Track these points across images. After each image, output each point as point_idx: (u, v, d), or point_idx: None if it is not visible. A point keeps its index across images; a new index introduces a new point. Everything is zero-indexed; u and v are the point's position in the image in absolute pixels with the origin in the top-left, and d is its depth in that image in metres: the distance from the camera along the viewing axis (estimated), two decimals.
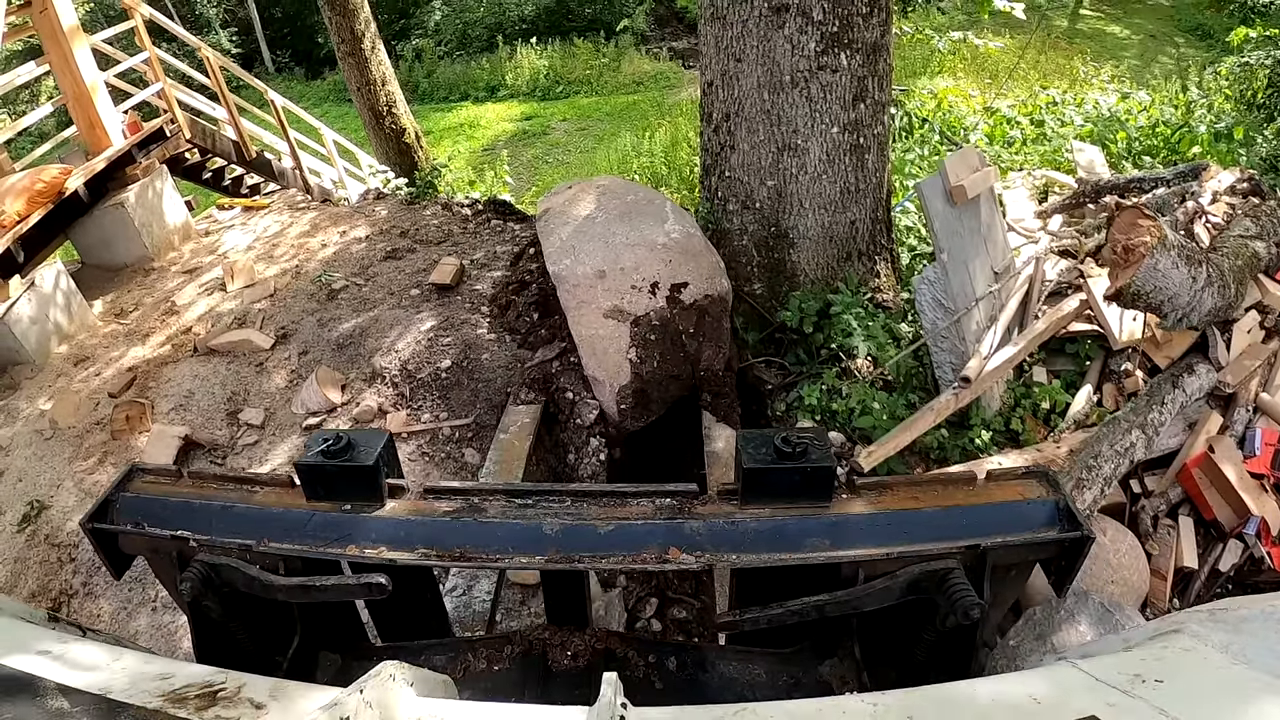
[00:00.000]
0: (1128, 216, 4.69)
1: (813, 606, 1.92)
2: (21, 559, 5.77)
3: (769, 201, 6.35)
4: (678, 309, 5.92)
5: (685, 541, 1.95)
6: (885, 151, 6.46)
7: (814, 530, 1.94)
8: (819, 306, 6.24)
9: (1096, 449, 4.78)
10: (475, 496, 2.13)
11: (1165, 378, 5.30)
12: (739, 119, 6.21)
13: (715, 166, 6.58)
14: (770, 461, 1.97)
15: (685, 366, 6.00)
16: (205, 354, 6.94)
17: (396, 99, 14.21)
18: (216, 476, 2.23)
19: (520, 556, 1.97)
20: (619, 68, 22.94)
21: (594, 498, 2.10)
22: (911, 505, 2.00)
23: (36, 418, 6.74)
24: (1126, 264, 4.61)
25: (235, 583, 2.03)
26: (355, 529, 2.04)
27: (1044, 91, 13.37)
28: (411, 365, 6.27)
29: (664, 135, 15.78)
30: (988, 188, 5.88)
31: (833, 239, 6.43)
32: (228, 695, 1.45)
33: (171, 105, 10.11)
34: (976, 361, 5.41)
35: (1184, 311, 4.95)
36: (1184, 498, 5.30)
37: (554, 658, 2.32)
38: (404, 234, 8.28)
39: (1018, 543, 1.94)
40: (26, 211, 7.96)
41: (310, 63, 28.94)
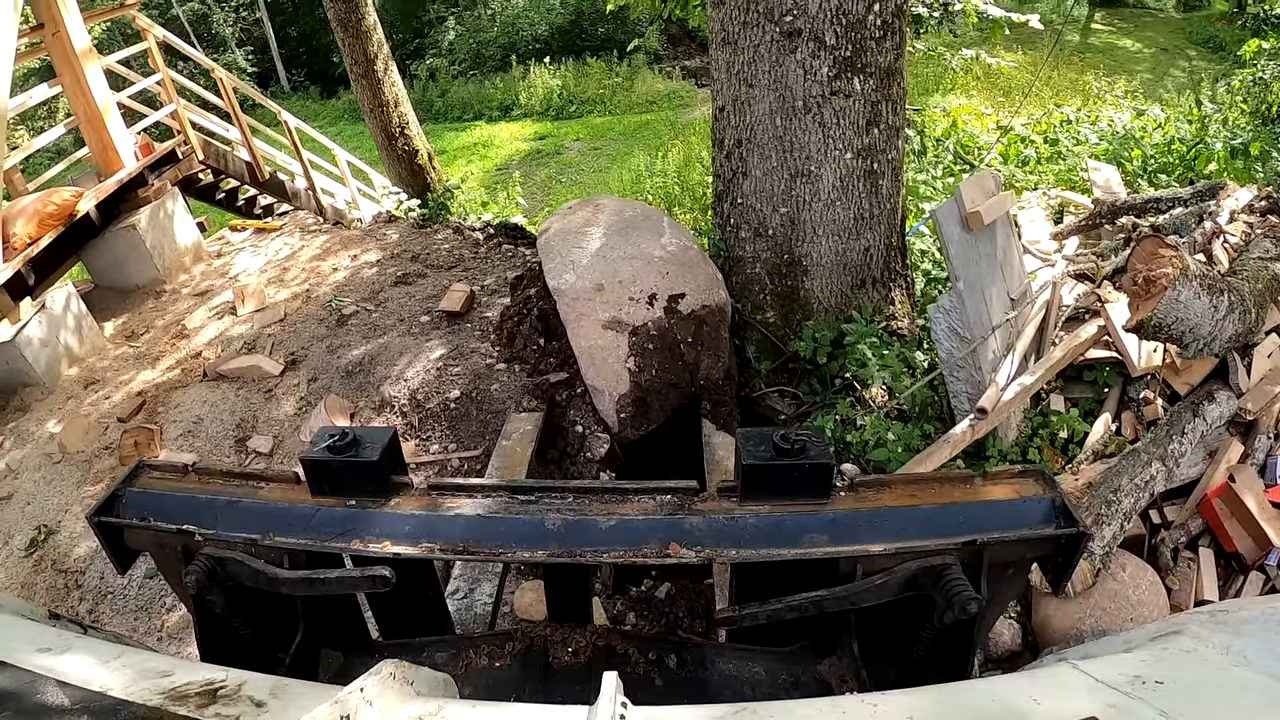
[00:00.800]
0: (1148, 246, 4.61)
1: (811, 602, 1.94)
2: (28, 584, 5.75)
3: (782, 229, 6.27)
4: (675, 319, 5.96)
5: (685, 537, 1.97)
6: (899, 176, 6.38)
7: (812, 526, 1.97)
8: (833, 336, 6.17)
9: (1116, 483, 4.69)
10: (479, 493, 2.15)
11: (1185, 406, 5.21)
12: (751, 145, 6.14)
13: (727, 193, 6.51)
14: (769, 458, 2.00)
15: (684, 375, 6.00)
16: (214, 379, 6.92)
17: (409, 120, 14.21)
18: (223, 473, 2.26)
19: (522, 551, 1.99)
20: (632, 87, 22.99)
21: (596, 494, 2.13)
22: (909, 502, 2.03)
23: (46, 441, 6.74)
24: (1148, 295, 4.53)
25: (240, 576, 2.04)
26: (360, 524, 2.06)
27: (1058, 110, 13.25)
28: (420, 395, 6.23)
29: (677, 155, 15.79)
30: (1004, 213, 5.81)
31: (846, 266, 6.35)
32: (228, 693, 1.45)
33: (185, 126, 10.12)
34: (993, 392, 5.33)
35: (1205, 341, 4.87)
36: (1204, 529, 5.18)
37: (555, 654, 2.34)
38: (415, 258, 8.26)
39: (1014, 539, 1.95)
40: (37, 234, 7.96)
41: (325, 81, 29.06)
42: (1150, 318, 4.48)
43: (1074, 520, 1.94)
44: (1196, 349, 4.93)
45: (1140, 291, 4.60)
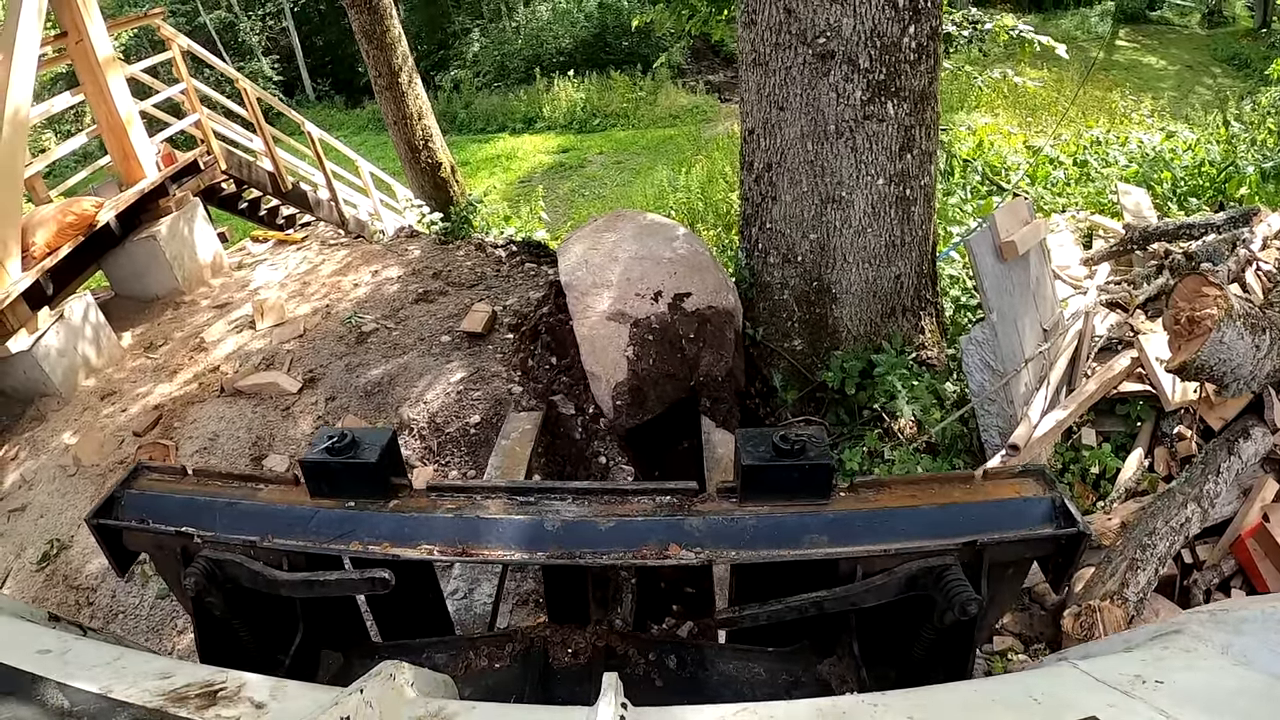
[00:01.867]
0: (1191, 284, 4.48)
1: (811, 603, 1.94)
2: (40, 598, 5.70)
3: (811, 255, 6.18)
4: (679, 315, 6.00)
5: (685, 538, 1.96)
6: (931, 202, 6.28)
7: (812, 527, 1.96)
8: (862, 366, 6.07)
9: (1151, 525, 4.57)
10: (478, 494, 2.14)
11: (1220, 443, 5.06)
12: (781, 169, 6.05)
13: (756, 217, 6.42)
14: (769, 459, 1.98)
15: (682, 368, 6.00)
16: (232, 395, 6.86)
17: (433, 133, 14.22)
18: (221, 474, 2.25)
19: (522, 552, 1.99)
20: (655, 101, 23.04)
21: (595, 495, 2.11)
22: (909, 503, 2.01)
23: (60, 453, 6.70)
24: (1191, 336, 4.41)
25: (239, 578, 2.03)
26: (359, 525, 2.05)
27: (1087, 131, 13.14)
28: (440, 419, 6.14)
29: (700, 170, 15.73)
30: (1037, 242, 5.71)
31: (876, 294, 6.25)
32: (228, 694, 1.44)
33: (208, 136, 10.14)
34: (1025, 428, 5.22)
35: (1245, 381, 4.75)
36: (1237, 569, 5.03)
37: (555, 655, 2.31)
38: (436, 275, 8.19)
39: (1014, 539, 1.94)
40: (56, 244, 7.94)
41: (350, 91, 29.28)
42: (1193, 360, 4.35)
43: (1074, 520, 1.93)
44: (1236, 389, 4.80)
45: (1183, 332, 4.47)
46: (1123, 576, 4.31)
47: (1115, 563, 4.43)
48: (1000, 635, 4.70)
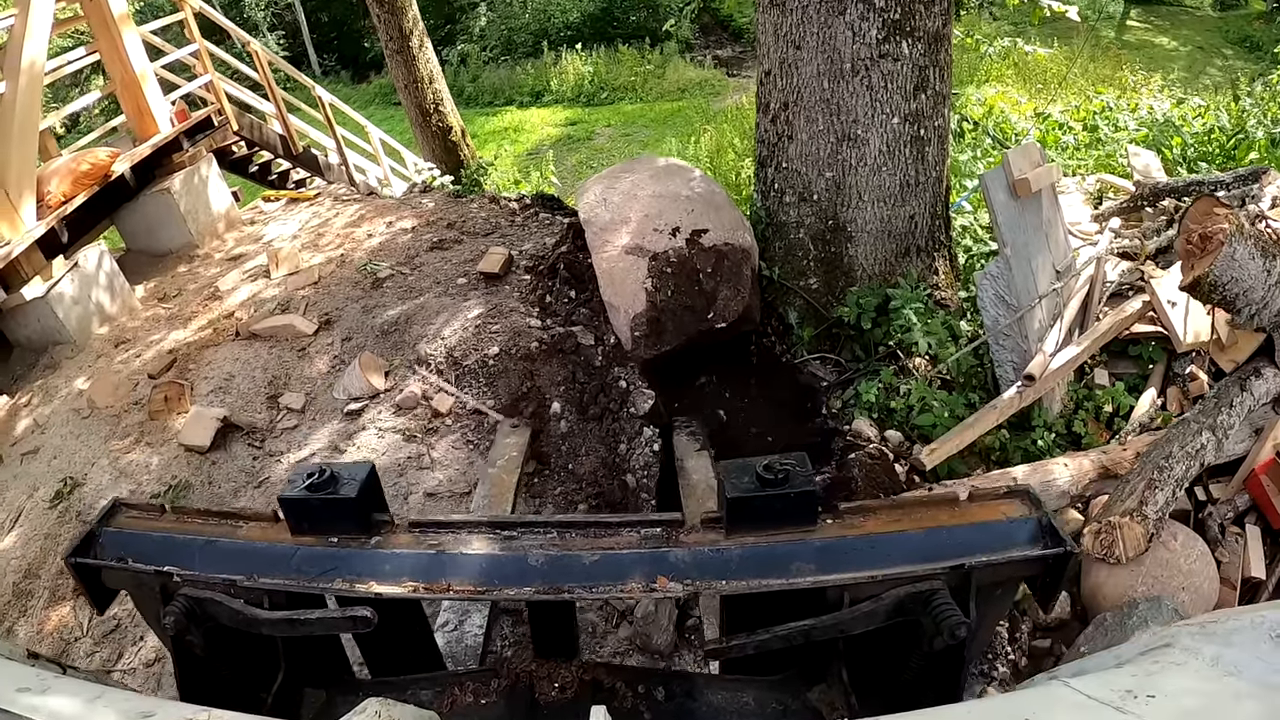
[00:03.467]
0: (1202, 205, 4.50)
1: (800, 631, 1.94)
2: (53, 535, 5.73)
3: (827, 194, 6.19)
4: (696, 250, 6.04)
5: (672, 570, 1.96)
6: (945, 145, 6.30)
7: (799, 555, 1.96)
8: (877, 302, 6.09)
9: (1167, 450, 4.60)
10: (461, 529, 2.14)
11: (1232, 380, 5.09)
12: (797, 108, 6.06)
13: (771, 158, 6.44)
14: (753, 489, 1.98)
15: (700, 300, 6.02)
16: (247, 338, 6.88)
17: (443, 97, 14.22)
18: (200, 512, 2.26)
19: (507, 588, 1.99)
20: (664, 75, 22.91)
21: (579, 528, 2.11)
22: (895, 528, 2.02)
23: (74, 397, 6.73)
24: (1203, 253, 4.42)
25: (219, 617, 2.02)
26: (341, 563, 2.05)
27: (1097, 97, 13.09)
28: (458, 352, 6.15)
29: (709, 141, 15.67)
30: (1050, 183, 5.73)
31: (891, 234, 6.27)
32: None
33: (219, 97, 10.17)
34: (1041, 359, 5.25)
35: (1257, 307, 4.74)
36: (1251, 505, 5.10)
37: (541, 691, 2.29)
38: (450, 225, 8.18)
39: (1001, 561, 1.95)
40: (72, 193, 7.98)
41: (356, 66, 29.20)
42: (1206, 274, 4.36)
43: (1060, 540, 1.93)
44: (1248, 314, 4.79)
45: (1194, 250, 4.48)
46: (1141, 495, 4.34)
47: (1134, 482, 4.46)
48: None
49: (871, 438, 5.41)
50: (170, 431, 6.12)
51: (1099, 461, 5.00)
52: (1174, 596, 4.37)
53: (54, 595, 5.40)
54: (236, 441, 5.98)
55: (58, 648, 5.16)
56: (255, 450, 5.93)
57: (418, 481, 5.45)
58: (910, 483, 5.05)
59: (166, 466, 5.90)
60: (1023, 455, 5.33)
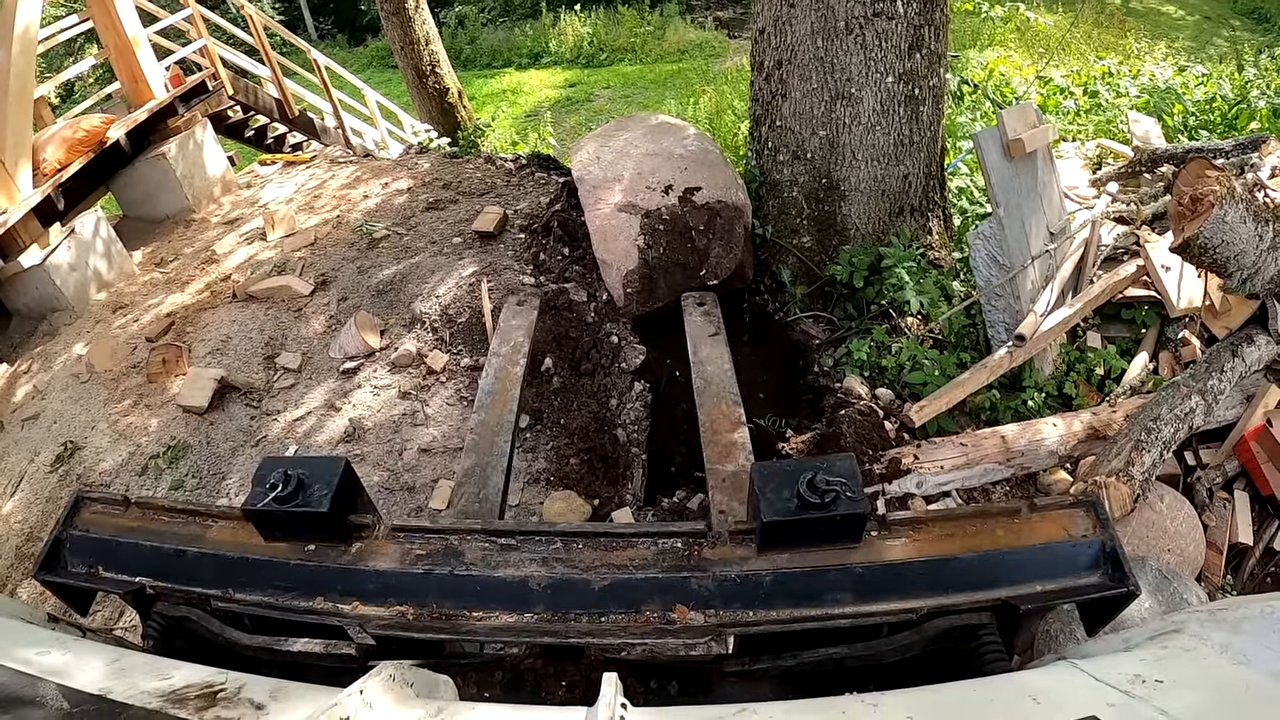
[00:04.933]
0: (1194, 168, 4.48)
1: (830, 659, 1.83)
2: (53, 498, 5.79)
3: (820, 152, 6.17)
4: (689, 207, 6.03)
5: (692, 597, 1.81)
6: (940, 105, 6.25)
7: (838, 583, 1.82)
8: (870, 260, 6.08)
9: (1156, 411, 4.60)
10: (451, 537, 2.01)
11: (1224, 345, 5.09)
12: (791, 66, 6.02)
13: (766, 116, 6.41)
14: (793, 511, 1.81)
15: (692, 257, 6.01)
16: (244, 300, 6.91)
17: (440, 58, 14.13)
18: (166, 508, 2.17)
19: (505, 615, 1.86)
20: (663, 36, 22.65)
21: (587, 539, 1.96)
22: (945, 548, 1.86)
23: (73, 362, 6.78)
24: (1194, 215, 4.41)
25: (198, 634, 1.96)
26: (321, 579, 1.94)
27: (1099, 62, 13.00)
28: (452, 310, 6.19)
29: (709, 102, 15.57)
30: (1045, 144, 5.71)
31: (885, 193, 6.24)
32: (228, 696, 1.45)
33: (214, 62, 10.12)
34: (1032, 319, 5.26)
35: (1249, 272, 4.73)
36: (1240, 472, 5.15)
37: (547, 688, 2.17)
38: (446, 186, 8.18)
39: (1056, 590, 1.82)
40: (67, 160, 7.99)
41: (353, 30, 28.87)
42: (1196, 236, 4.35)
43: (1123, 574, 1.79)
44: (1240, 279, 4.79)
45: (1185, 212, 4.47)
46: (1128, 456, 4.34)
47: (1120, 443, 4.46)
48: None
49: (862, 395, 5.42)
50: (168, 393, 6.17)
51: (1088, 422, 5.01)
52: (1159, 557, 4.40)
53: None
54: (234, 402, 6.02)
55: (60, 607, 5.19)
56: (253, 410, 5.97)
57: (412, 438, 5.49)
58: (900, 439, 5.07)
59: (165, 428, 5.95)
60: (1013, 415, 5.33)
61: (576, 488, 5.19)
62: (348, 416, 5.69)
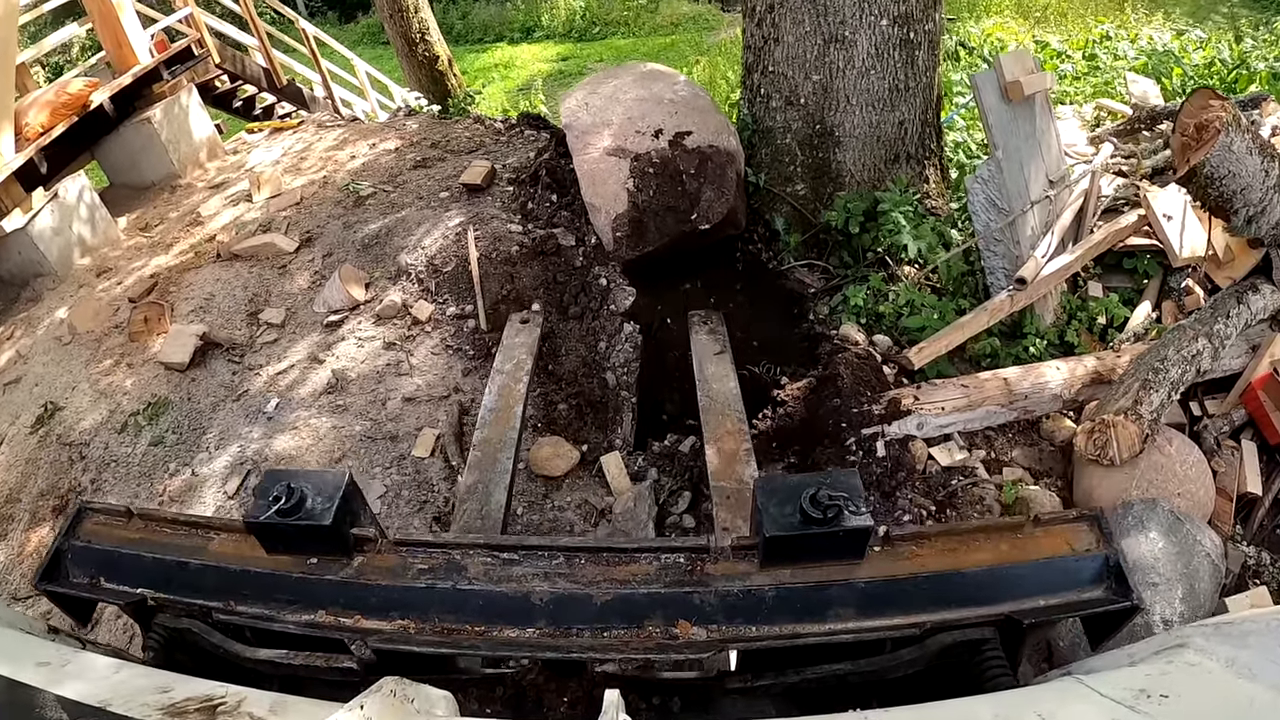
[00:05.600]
0: (1198, 97, 4.36)
1: (833, 675, 1.84)
2: (33, 459, 5.76)
3: (814, 97, 6.05)
4: (680, 151, 5.95)
5: (695, 612, 1.82)
6: (936, 50, 6.14)
7: (840, 599, 1.83)
8: (866, 207, 5.98)
9: (1163, 353, 4.51)
10: (454, 551, 2.01)
11: (1229, 292, 5.02)
12: (783, 9, 5.90)
13: (758, 62, 6.28)
14: (795, 527, 1.82)
15: (683, 201, 5.93)
16: (228, 259, 6.83)
17: (429, 25, 14.07)
18: (168, 520, 2.16)
19: (508, 629, 1.87)
20: (657, 9, 22.50)
21: (589, 555, 1.96)
22: (949, 563, 1.89)
23: (56, 326, 6.73)
24: (1199, 144, 4.29)
25: (200, 646, 1.95)
26: (323, 592, 1.94)
27: (1098, 26, 12.89)
28: (438, 260, 6.10)
29: (702, 72, 15.50)
30: (1043, 89, 5.60)
31: (880, 139, 6.14)
32: (227, 709, 1.45)
33: (200, 29, 10.00)
34: (1033, 264, 5.15)
35: (1255, 210, 4.61)
36: (1247, 421, 5.04)
37: (549, 704, 2.17)
38: (435, 145, 8.09)
39: (1059, 604, 1.84)
40: (50, 124, 7.92)
41: (344, 6, 28.65)
42: (1202, 165, 4.23)
43: (1126, 588, 1.81)
44: (1245, 217, 4.67)
45: (1190, 141, 4.35)
46: (1136, 395, 4.26)
47: (1128, 382, 4.38)
48: (1009, 466, 4.66)
49: (859, 341, 5.32)
50: (151, 352, 6.10)
51: (1092, 367, 4.90)
52: (1170, 501, 4.29)
53: (34, 518, 5.44)
54: (216, 358, 5.94)
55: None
56: (235, 365, 5.90)
57: (396, 387, 5.41)
58: (898, 384, 4.95)
59: (146, 385, 5.88)
60: (1014, 362, 5.22)
61: (564, 433, 5.14)
62: (330, 368, 5.59)
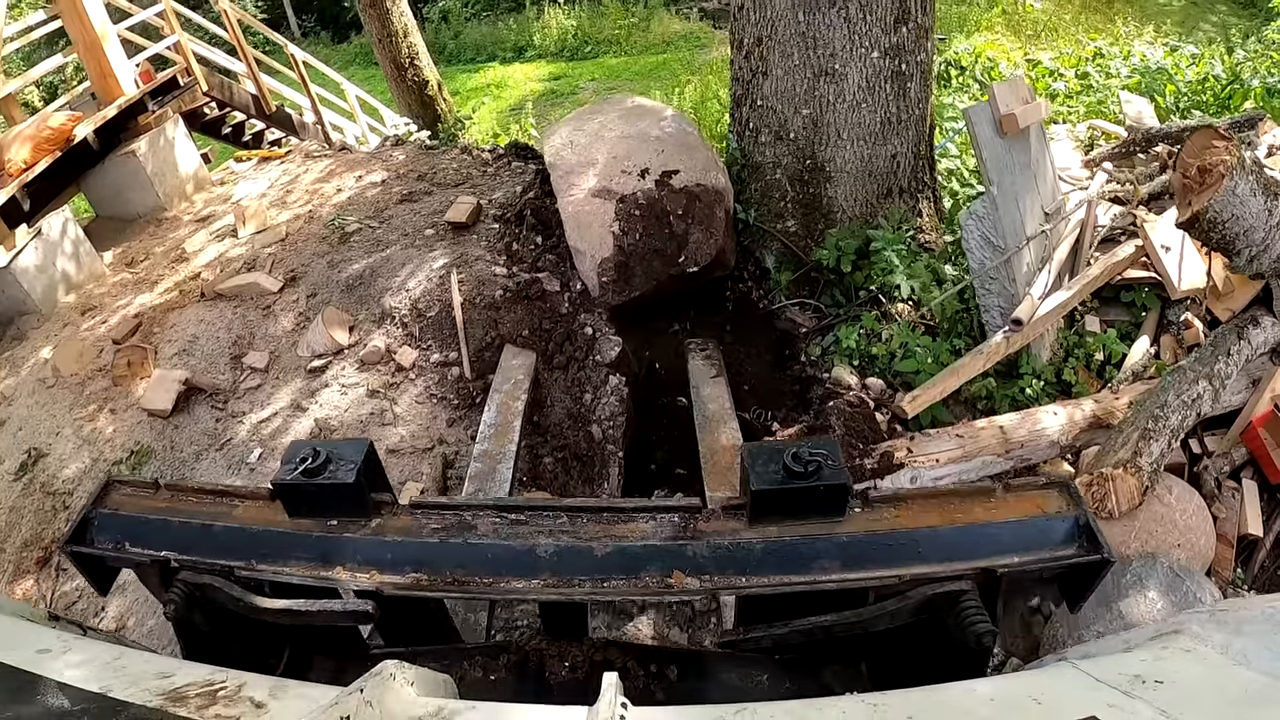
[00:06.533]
0: (1201, 137, 4.27)
1: (820, 627, 1.90)
2: (17, 508, 5.66)
3: (804, 131, 5.99)
4: (666, 191, 5.88)
5: (689, 564, 1.91)
6: (928, 81, 6.08)
7: (824, 552, 1.91)
8: (858, 244, 5.91)
9: (1162, 399, 4.42)
10: (465, 512, 2.09)
11: (1229, 328, 4.94)
12: (772, 42, 5.84)
13: (746, 96, 6.23)
14: (779, 481, 1.92)
15: (670, 244, 5.88)
16: (212, 299, 6.73)
17: (419, 51, 14.09)
18: (194, 489, 2.21)
19: (515, 580, 1.94)
20: (648, 28, 22.52)
21: (591, 514, 2.06)
22: (925, 522, 1.95)
23: (40, 366, 6.62)
24: (1202, 187, 4.19)
25: (220, 602, 1.99)
26: (341, 549, 2.01)
27: (1090, 44, 12.84)
28: (422, 304, 6.00)
29: (693, 92, 15.47)
30: (1039, 120, 5.52)
31: (872, 173, 6.07)
32: (228, 694, 1.45)
33: (187, 57, 9.94)
34: (1029, 303, 5.06)
35: (1257, 249, 4.54)
36: (1248, 459, 4.96)
37: (551, 670, 2.26)
38: (421, 178, 8.01)
39: (1034, 562, 1.89)
40: (33, 159, 7.83)
41: (336, 26, 28.74)
42: (1205, 210, 4.14)
43: (1098, 545, 1.86)
44: (1248, 257, 4.60)
45: (1193, 185, 4.26)
46: (1135, 445, 4.18)
47: (1126, 432, 4.30)
48: None
49: (852, 385, 5.24)
50: (134, 397, 6.01)
51: (1091, 411, 4.82)
52: (1169, 553, 4.22)
53: (18, 569, 5.36)
54: (199, 404, 5.84)
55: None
56: (218, 412, 5.80)
57: (380, 438, 5.30)
58: (892, 431, 4.87)
59: (129, 432, 5.79)
60: (1010, 404, 5.16)
61: (550, 487, 5.09)
62: (314, 417, 5.49)
